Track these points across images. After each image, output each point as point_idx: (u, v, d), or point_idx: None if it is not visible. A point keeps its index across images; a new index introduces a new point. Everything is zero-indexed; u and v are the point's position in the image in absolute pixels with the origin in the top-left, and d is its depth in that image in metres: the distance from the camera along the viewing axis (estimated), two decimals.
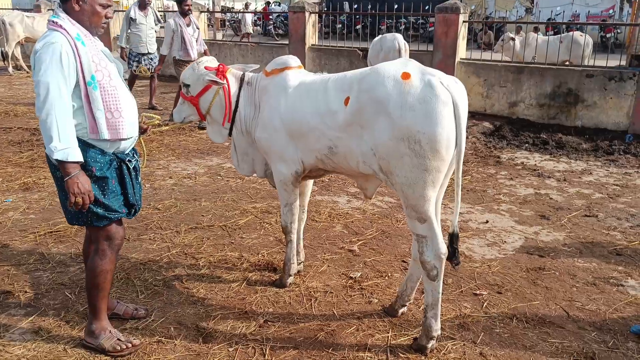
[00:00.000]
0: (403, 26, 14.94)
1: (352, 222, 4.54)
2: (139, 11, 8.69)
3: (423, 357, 2.76)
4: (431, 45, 9.44)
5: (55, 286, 3.39)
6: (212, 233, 4.25)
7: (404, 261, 3.83)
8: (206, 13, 13.38)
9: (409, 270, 3.10)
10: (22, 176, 5.44)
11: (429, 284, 2.72)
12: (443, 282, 3.35)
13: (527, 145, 7.19)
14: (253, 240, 4.13)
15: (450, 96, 2.50)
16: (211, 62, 3.31)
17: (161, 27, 9.28)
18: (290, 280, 3.46)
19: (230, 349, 2.80)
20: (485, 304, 3.28)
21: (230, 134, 3.36)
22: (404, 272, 3.66)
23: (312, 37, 10.78)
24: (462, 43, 8.90)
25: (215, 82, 3.18)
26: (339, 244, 4.11)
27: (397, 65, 2.65)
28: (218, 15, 21.08)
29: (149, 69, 8.95)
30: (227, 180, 5.56)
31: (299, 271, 3.60)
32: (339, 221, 4.53)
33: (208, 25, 14.39)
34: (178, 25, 7.91)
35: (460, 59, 8.89)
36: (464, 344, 2.88)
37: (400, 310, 3.14)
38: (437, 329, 2.77)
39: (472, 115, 8.66)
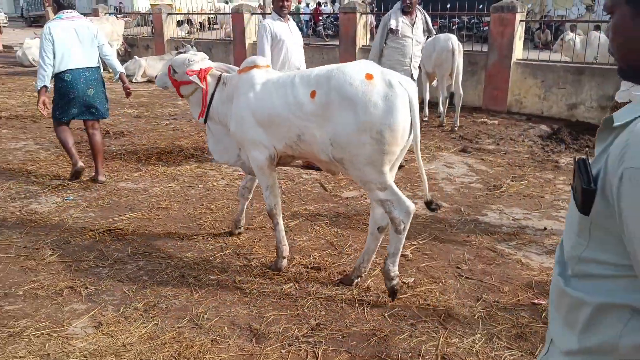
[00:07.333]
0: (455, 26, 14.67)
1: None
2: (403, 18, 5.75)
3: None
4: (484, 45, 9.22)
5: (114, 283, 3.50)
6: (264, 234, 4.28)
7: (458, 267, 3.74)
8: (257, 15, 13.55)
9: (367, 244, 3.42)
10: (82, 176, 5.64)
11: (395, 236, 3.15)
12: (499, 290, 3.30)
13: (587, 149, 6.90)
14: (304, 243, 4.13)
15: (407, 93, 2.93)
16: (203, 61, 3.71)
17: (427, 38, 6.46)
18: (284, 263, 3.64)
19: (283, 351, 2.81)
20: (544, 313, 3.16)
21: (205, 122, 3.78)
22: (458, 279, 3.58)
23: (362, 37, 10.73)
24: (518, 43, 8.66)
25: (197, 84, 3.63)
26: None
27: (360, 66, 3.05)
28: None
29: None
30: (278, 182, 5.59)
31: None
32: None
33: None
34: None
35: (517, 59, 8.65)
36: (521, 355, 2.79)
37: (355, 281, 3.44)
38: (394, 270, 3.21)
39: (529, 117, 8.42)
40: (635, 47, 1.03)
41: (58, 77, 5.04)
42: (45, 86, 4.99)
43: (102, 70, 5.29)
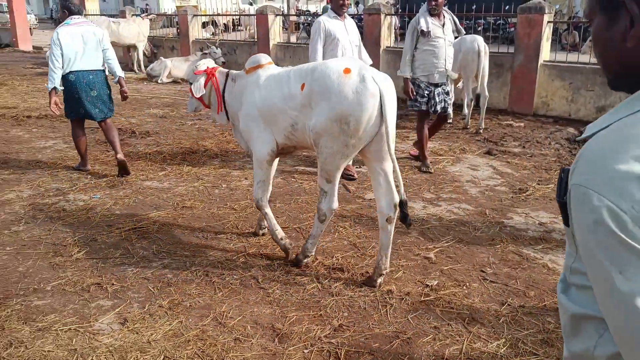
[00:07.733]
0: (481, 27, 14.51)
1: (428, 228, 4.44)
2: (432, 19, 5.69)
3: None
4: (511, 46, 9.09)
5: (140, 280, 3.55)
6: (287, 235, 4.28)
7: (482, 271, 3.70)
8: (281, 16, 13.61)
9: (380, 240, 3.48)
10: (108, 174, 5.74)
11: (318, 224, 3.57)
12: (525, 294, 3.29)
13: None
14: (327, 244, 4.13)
15: (379, 89, 3.11)
16: (206, 63, 4.02)
17: (455, 39, 6.34)
18: (286, 243, 3.81)
19: (306, 351, 2.81)
20: None
21: (229, 117, 4.05)
22: (483, 282, 3.53)
23: (387, 39, 10.68)
24: (546, 44, 8.53)
25: (202, 78, 3.95)
26: (414, 250, 4.03)
27: (342, 61, 3.31)
28: (293, 18, 21.39)
29: (443, 110, 5.88)
30: (301, 182, 5.61)
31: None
32: (414, 227, 4.44)
33: (283, 29, 14.64)
34: None
35: (544, 61, 8.52)
36: None
37: (378, 281, 3.46)
38: (312, 250, 3.68)
39: (556, 120, 8.29)
40: (614, 53, 1.01)
41: (64, 78, 5.47)
42: (55, 88, 5.40)
43: (107, 73, 5.83)
